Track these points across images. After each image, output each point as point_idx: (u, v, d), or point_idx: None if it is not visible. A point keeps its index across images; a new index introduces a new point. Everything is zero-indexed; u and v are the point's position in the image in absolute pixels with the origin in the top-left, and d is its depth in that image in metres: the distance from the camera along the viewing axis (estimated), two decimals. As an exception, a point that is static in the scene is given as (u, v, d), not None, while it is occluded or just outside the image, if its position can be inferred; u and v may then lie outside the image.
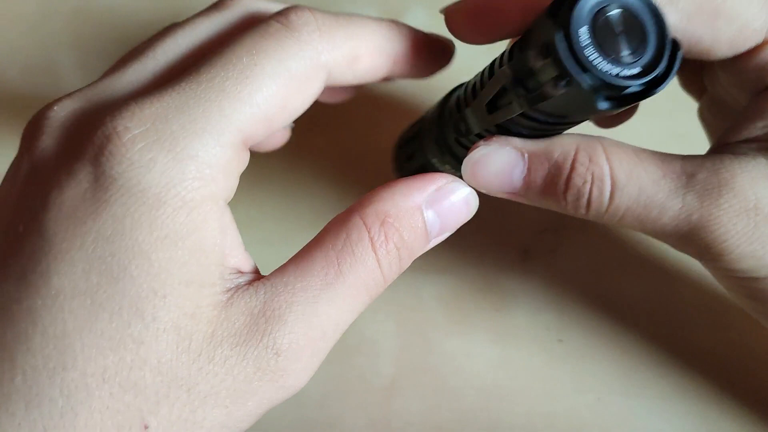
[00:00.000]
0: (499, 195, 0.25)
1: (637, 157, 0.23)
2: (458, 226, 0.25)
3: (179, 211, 0.20)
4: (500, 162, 0.23)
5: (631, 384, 0.32)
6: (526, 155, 0.23)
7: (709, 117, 0.29)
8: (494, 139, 0.24)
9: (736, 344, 0.33)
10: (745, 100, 0.26)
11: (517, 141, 0.24)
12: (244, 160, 0.22)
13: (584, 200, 0.23)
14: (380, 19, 0.24)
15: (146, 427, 0.20)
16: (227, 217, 0.22)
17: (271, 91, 0.21)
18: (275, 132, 0.22)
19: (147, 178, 0.20)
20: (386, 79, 0.26)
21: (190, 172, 0.20)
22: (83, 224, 0.20)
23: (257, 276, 0.23)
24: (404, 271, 0.24)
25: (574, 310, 0.34)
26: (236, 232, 0.22)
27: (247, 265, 0.23)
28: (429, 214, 0.23)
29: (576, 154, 0.23)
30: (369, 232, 0.22)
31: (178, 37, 0.24)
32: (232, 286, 0.22)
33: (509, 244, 0.35)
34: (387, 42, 0.24)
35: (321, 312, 0.22)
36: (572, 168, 0.23)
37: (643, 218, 0.23)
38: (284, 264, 0.23)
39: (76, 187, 0.20)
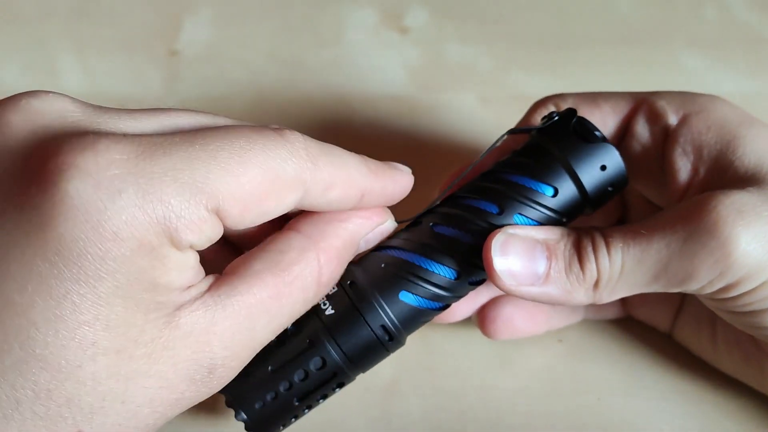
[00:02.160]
0: (524, 287, 0.26)
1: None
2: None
3: (135, 252, 0.20)
4: (523, 243, 0.26)
5: (631, 384, 0.32)
6: (542, 239, 0.26)
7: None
8: (505, 227, 0.26)
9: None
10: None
11: (528, 229, 0.26)
12: (216, 229, 0.22)
13: (591, 257, 0.26)
14: (355, 154, 0.25)
15: None
16: (192, 259, 0.22)
17: (257, 178, 0.22)
18: (243, 225, 0.22)
19: (109, 208, 0.20)
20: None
21: (155, 216, 0.20)
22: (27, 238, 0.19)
23: (206, 286, 0.23)
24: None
25: (574, 310, 0.34)
26: (196, 263, 0.22)
27: (198, 276, 0.23)
28: (362, 244, 0.27)
29: (571, 232, 0.27)
30: (320, 272, 0.24)
31: (197, 115, 0.24)
32: (181, 302, 0.22)
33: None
34: (361, 177, 0.25)
35: (258, 337, 0.23)
36: (576, 233, 0.27)
37: (641, 249, 0.25)
38: (234, 279, 0.23)
39: (18, 191, 0.20)
